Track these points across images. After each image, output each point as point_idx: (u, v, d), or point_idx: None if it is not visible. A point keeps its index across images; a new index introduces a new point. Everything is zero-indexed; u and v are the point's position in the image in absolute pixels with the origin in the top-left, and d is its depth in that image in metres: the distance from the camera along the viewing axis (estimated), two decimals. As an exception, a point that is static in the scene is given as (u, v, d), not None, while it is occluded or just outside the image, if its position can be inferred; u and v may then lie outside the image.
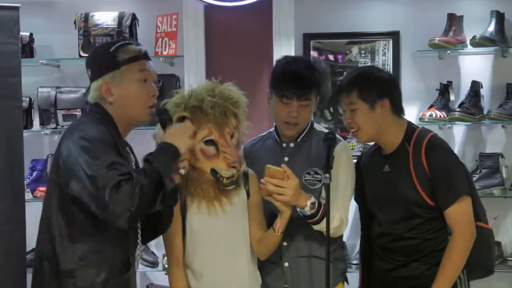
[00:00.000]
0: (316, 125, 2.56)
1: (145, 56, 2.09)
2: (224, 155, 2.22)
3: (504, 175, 3.43)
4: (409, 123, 2.44)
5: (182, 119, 2.17)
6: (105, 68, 2.04)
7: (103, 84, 2.04)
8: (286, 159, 2.44)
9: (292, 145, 2.49)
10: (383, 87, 2.36)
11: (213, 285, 2.30)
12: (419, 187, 2.31)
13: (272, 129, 2.60)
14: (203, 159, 2.23)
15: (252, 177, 2.37)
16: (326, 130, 2.54)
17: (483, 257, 2.40)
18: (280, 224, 2.24)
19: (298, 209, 2.27)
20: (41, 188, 3.47)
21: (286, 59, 2.49)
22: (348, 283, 2.58)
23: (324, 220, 2.25)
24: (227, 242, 2.30)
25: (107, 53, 2.05)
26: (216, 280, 2.29)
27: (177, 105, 2.24)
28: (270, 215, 2.38)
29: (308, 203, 2.24)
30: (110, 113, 2.05)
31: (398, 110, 2.40)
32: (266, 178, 2.21)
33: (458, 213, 2.29)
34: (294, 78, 2.35)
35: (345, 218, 2.39)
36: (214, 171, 2.24)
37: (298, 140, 2.49)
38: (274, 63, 2.55)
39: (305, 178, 2.39)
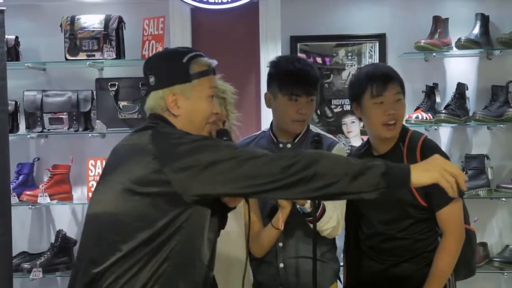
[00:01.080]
0: (312, 127, 2.58)
1: (213, 71, 1.97)
2: None
3: (489, 176, 3.45)
4: (402, 125, 2.48)
5: None
6: (176, 79, 1.89)
7: (170, 95, 1.88)
8: None
9: (289, 146, 2.50)
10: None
11: None
12: (413, 187, 2.32)
13: (266, 129, 2.61)
14: None
15: None
16: (322, 132, 2.57)
17: (468, 258, 2.42)
18: (282, 219, 2.24)
19: (298, 206, 2.27)
20: (27, 192, 3.45)
21: (285, 59, 2.52)
22: (341, 283, 2.60)
23: (322, 219, 2.27)
24: (230, 237, 2.28)
25: (179, 63, 1.90)
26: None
27: None
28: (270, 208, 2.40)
29: (309, 200, 2.24)
30: (174, 125, 1.90)
31: None
32: None
33: (451, 215, 2.31)
34: (301, 75, 2.40)
35: (342, 218, 2.40)
36: None
37: (295, 141, 2.50)
38: (268, 65, 2.55)
39: None
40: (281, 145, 2.51)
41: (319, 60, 3.63)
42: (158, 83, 1.90)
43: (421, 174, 1.76)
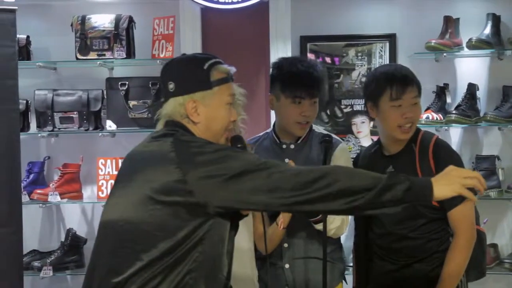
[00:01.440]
0: (314, 127, 2.58)
1: (232, 78, 1.96)
2: None
3: (500, 177, 3.43)
4: None
5: None
6: (197, 86, 1.88)
7: (191, 102, 1.86)
8: (286, 160, 2.44)
9: (292, 146, 2.50)
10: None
11: None
12: None
13: (269, 130, 2.61)
14: None
15: None
16: (325, 132, 2.55)
17: (479, 259, 2.42)
18: (283, 219, 2.25)
19: None
20: (38, 191, 3.47)
21: (288, 60, 2.51)
22: (346, 283, 2.61)
23: (326, 220, 2.26)
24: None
25: (201, 69, 1.88)
26: None
27: None
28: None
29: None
30: (193, 132, 1.89)
31: None
32: None
33: (462, 215, 2.31)
34: (304, 77, 2.39)
35: (346, 218, 2.41)
36: None
37: (299, 141, 2.50)
38: (271, 66, 2.55)
39: None
40: (284, 146, 2.51)
41: (328, 60, 3.63)
42: (178, 90, 1.88)
43: (443, 188, 1.76)
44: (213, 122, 1.90)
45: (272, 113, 3.37)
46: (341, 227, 2.38)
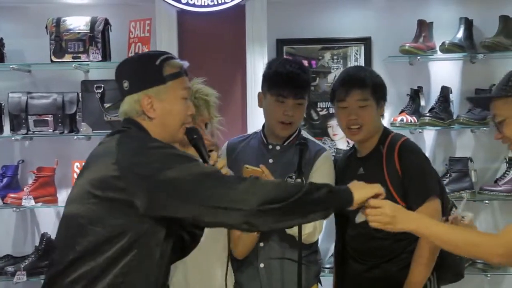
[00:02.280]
0: (303, 132, 2.61)
1: (186, 72, 1.98)
2: None
3: (473, 179, 3.48)
4: (385, 128, 2.54)
5: None
6: (150, 82, 1.90)
7: (146, 98, 1.89)
8: (270, 160, 2.47)
9: (278, 148, 2.52)
10: (385, 90, 2.50)
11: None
12: (391, 188, 2.36)
13: (258, 130, 2.62)
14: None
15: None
16: (312, 138, 2.60)
17: (454, 261, 2.44)
18: None
19: None
20: (12, 195, 3.42)
21: (279, 60, 2.57)
22: (321, 284, 2.62)
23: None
24: (208, 240, 2.27)
25: (153, 65, 1.90)
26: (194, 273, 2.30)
27: None
28: None
29: None
30: (147, 130, 1.91)
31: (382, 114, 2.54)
32: None
33: (427, 213, 2.30)
34: (290, 77, 2.42)
35: (319, 225, 2.41)
36: None
37: (285, 143, 2.52)
38: (266, 65, 2.57)
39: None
40: (270, 147, 2.53)
41: (305, 63, 3.64)
42: (132, 87, 1.90)
43: (361, 191, 1.88)
44: (169, 117, 1.92)
45: (249, 114, 3.43)
46: (313, 233, 2.40)
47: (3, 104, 3.52)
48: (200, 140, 2.08)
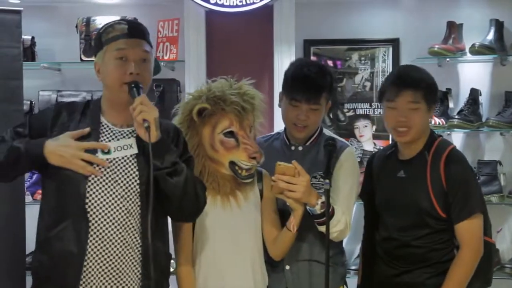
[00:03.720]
0: (325, 130, 2.57)
1: (129, 35, 2.06)
2: (244, 146, 2.22)
3: (502, 183, 3.44)
4: (432, 132, 2.44)
5: (202, 111, 2.19)
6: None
7: (96, 65, 2.10)
8: (293, 161, 2.44)
9: (300, 148, 2.51)
10: (437, 93, 2.43)
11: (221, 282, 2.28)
12: (433, 197, 2.30)
13: (281, 130, 2.61)
14: (223, 151, 2.23)
15: (266, 177, 2.37)
16: (335, 136, 2.55)
17: (484, 270, 2.38)
18: (294, 222, 2.24)
19: (308, 207, 2.27)
20: (41, 191, 3.46)
21: (299, 62, 2.52)
22: (347, 287, 2.60)
23: (331, 222, 2.24)
24: (240, 238, 2.28)
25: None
26: (224, 276, 2.28)
27: (196, 98, 2.26)
28: (280, 211, 2.39)
29: (319, 201, 2.23)
30: (104, 92, 2.12)
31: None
32: (277, 175, 2.21)
33: (470, 229, 2.28)
34: (304, 82, 2.37)
35: (349, 223, 2.39)
36: (233, 164, 2.24)
37: (307, 144, 2.51)
38: (289, 66, 2.55)
39: (312, 182, 2.37)
40: (292, 148, 2.52)
41: (330, 63, 3.65)
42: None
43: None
44: (107, 77, 2.06)
45: (276, 115, 3.42)
46: (344, 231, 2.36)
47: (33, 102, 3.57)
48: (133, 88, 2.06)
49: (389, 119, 2.38)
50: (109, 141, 2.07)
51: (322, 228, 2.30)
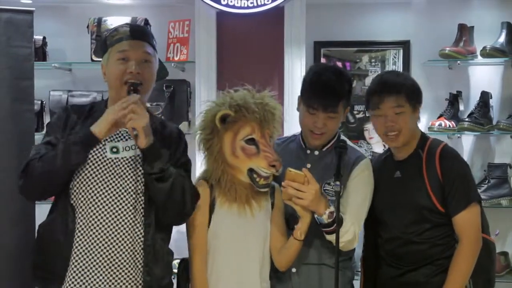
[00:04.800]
0: (342, 137, 2.55)
1: (131, 37, 2.16)
2: (265, 154, 2.22)
3: (512, 186, 3.44)
4: (422, 133, 2.51)
5: (225, 117, 2.21)
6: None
7: (102, 67, 2.22)
8: (308, 165, 2.41)
9: (316, 153, 2.48)
10: (420, 94, 2.46)
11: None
12: (431, 192, 2.35)
13: (298, 133, 2.59)
14: (243, 157, 2.23)
15: (278, 190, 2.37)
16: (351, 144, 2.52)
17: (485, 267, 2.40)
18: (301, 229, 2.24)
19: (315, 216, 2.26)
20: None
21: (317, 68, 2.48)
22: (354, 290, 2.60)
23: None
24: (251, 246, 2.29)
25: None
26: (235, 282, 2.29)
27: (219, 104, 2.26)
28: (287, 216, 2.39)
29: (327, 211, 2.23)
30: (109, 93, 2.21)
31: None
32: (287, 181, 2.21)
33: (467, 220, 2.32)
34: (322, 90, 2.34)
35: (357, 235, 2.36)
36: (251, 171, 2.24)
37: (323, 149, 2.48)
38: (308, 70, 2.51)
39: (324, 188, 2.38)
40: (308, 151, 2.49)
41: (340, 65, 3.64)
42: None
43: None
44: (110, 78, 2.18)
45: (286, 117, 3.41)
46: (352, 241, 2.34)
47: (44, 102, 3.59)
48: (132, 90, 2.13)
49: (377, 126, 2.45)
50: (118, 141, 2.16)
51: (330, 237, 2.29)
